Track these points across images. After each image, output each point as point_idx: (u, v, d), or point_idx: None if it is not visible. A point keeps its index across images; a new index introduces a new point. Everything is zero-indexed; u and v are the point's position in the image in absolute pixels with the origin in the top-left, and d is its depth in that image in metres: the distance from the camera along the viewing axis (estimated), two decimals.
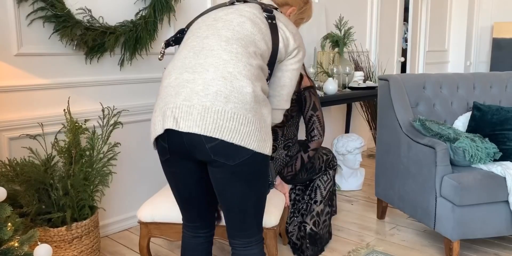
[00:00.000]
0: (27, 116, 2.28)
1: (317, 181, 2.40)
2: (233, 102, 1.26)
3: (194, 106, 1.26)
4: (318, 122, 2.14)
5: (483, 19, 6.28)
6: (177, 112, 1.28)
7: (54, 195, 2.09)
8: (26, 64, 2.27)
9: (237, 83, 1.28)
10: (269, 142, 1.34)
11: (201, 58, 1.33)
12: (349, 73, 3.58)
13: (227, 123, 1.25)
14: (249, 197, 1.40)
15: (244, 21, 1.40)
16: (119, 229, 2.74)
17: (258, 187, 1.41)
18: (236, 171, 1.32)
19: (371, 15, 4.67)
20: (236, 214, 1.44)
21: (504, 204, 2.24)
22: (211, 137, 1.25)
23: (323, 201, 2.38)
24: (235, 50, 1.32)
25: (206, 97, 1.26)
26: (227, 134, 1.25)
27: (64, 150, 2.14)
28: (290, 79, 1.52)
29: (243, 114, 1.27)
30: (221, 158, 1.30)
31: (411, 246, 2.52)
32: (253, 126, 1.28)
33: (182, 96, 1.28)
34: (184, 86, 1.30)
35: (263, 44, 1.39)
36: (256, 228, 1.47)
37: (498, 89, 2.89)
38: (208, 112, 1.25)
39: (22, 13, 2.21)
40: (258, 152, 1.30)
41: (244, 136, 1.27)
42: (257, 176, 1.37)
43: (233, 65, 1.30)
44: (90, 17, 2.40)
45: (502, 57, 5.84)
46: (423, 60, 5.75)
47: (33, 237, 1.55)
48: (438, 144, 2.26)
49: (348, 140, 3.39)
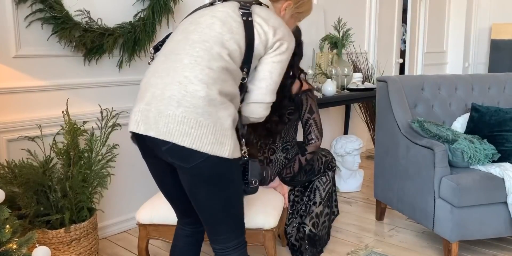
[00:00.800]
0: (26, 117, 2.28)
1: (316, 182, 2.39)
2: (184, 106, 1.29)
3: (151, 110, 1.32)
4: (315, 125, 2.14)
5: (481, 20, 6.29)
6: (139, 115, 1.35)
7: (52, 197, 2.09)
8: (25, 66, 2.27)
9: (191, 87, 1.30)
10: (227, 145, 1.33)
11: (168, 62, 1.38)
12: (347, 74, 3.59)
13: (177, 126, 1.28)
14: (214, 201, 1.40)
15: (213, 22, 1.41)
16: (117, 231, 2.74)
17: (223, 191, 1.39)
18: (194, 174, 1.35)
19: (369, 17, 4.68)
20: (207, 219, 1.45)
21: (503, 205, 2.24)
22: (164, 140, 1.30)
23: (322, 202, 2.37)
24: (196, 53, 1.35)
25: (162, 101, 1.31)
26: (178, 137, 1.29)
27: (63, 152, 2.13)
28: (269, 72, 1.47)
29: (194, 118, 1.29)
30: (176, 161, 1.35)
31: (410, 248, 2.52)
32: (205, 129, 1.29)
33: (145, 100, 1.35)
34: (147, 90, 1.36)
35: (232, 44, 1.39)
36: (232, 233, 1.46)
37: (497, 90, 2.90)
38: (161, 116, 1.30)
39: (21, 15, 2.21)
40: (213, 155, 1.30)
41: (195, 139, 1.29)
42: (219, 179, 1.37)
43: (190, 69, 1.32)
44: (88, 18, 2.40)
45: (501, 58, 5.85)
46: (422, 62, 5.75)
47: (32, 239, 1.54)
48: (436, 145, 2.27)
49: (346, 142, 3.40)
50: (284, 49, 1.48)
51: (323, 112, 4.10)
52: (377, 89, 2.79)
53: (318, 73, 3.58)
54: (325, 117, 4.21)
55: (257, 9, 1.48)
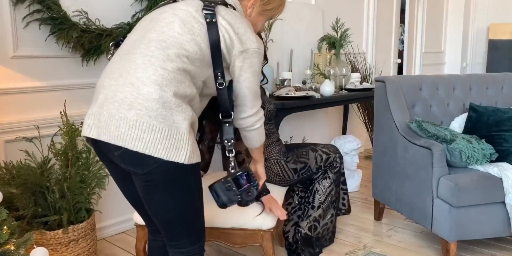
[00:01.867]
0: (23, 118, 2.28)
1: (316, 184, 2.28)
2: (137, 109, 1.23)
3: (102, 114, 1.27)
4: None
5: (479, 20, 6.30)
6: (92, 119, 1.30)
7: (50, 198, 2.08)
8: (22, 67, 2.27)
9: (144, 89, 1.24)
10: (184, 150, 1.27)
11: (122, 62, 1.32)
12: (345, 74, 3.59)
13: (129, 130, 1.23)
14: (168, 208, 1.35)
15: (173, 21, 1.34)
16: (116, 232, 2.74)
17: (178, 199, 1.34)
18: (148, 179, 1.29)
19: (367, 17, 4.68)
20: (161, 224, 1.41)
21: (501, 205, 2.24)
22: (115, 145, 1.24)
23: (322, 207, 2.27)
24: (150, 53, 1.29)
25: (113, 104, 1.26)
26: (130, 142, 1.23)
27: (61, 152, 2.13)
28: (249, 89, 1.45)
29: (147, 122, 1.23)
30: (130, 166, 1.29)
31: (408, 248, 2.52)
32: (159, 134, 1.23)
33: (97, 103, 1.30)
34: (100, 92, 1.31)
35: (192, 46, 1.32)
36: (187, 240, 1.42)
37: (494, 90, 2.90)
38: (112, 119, 1.24)
39: (18, 16, 2.21)
40: (168, 161, 1.25)
41: (148, 144, 1.23)
42: (174, 186, 1.31)
43: (143, 70, 1.26)
44: (86, 19, 2.40)
45: (498, 58, 5.86)
46: (420, 62, 5.76)
47: (29, 240, 1.54)
48: (434, 145, 2.27)
49: (345, 142, 3.40)
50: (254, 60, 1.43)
51: (321, 112, 4.12)
52: (375, 89, 2.79)
53: (316, 73, 3.58)
54: (323, 117, 4.21)
55: (222, 11, 1.40)
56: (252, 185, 1.51)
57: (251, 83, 1.45)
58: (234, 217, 1.84)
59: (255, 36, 1.44)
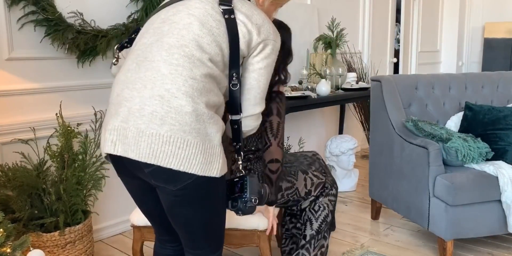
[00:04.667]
0: (19, 120, 2.27)
1: (307, 212, 2.02)
2: (169, 124, 1.16)
3: (129, 129, 1.18)
4: (270, 128, 1.74)
5: (474, 19, 6.32)
6: (115, 134, 1.21)
7: (46, 200, 2.08)
8: (18, 69, 2.26)
9: (175, 102, 1.17)
10: (216, 164, 1.22)
11: (142, 71, 1.22)
12: (342, 74, 3.59)
13: (162, 147, 1.16)
14: (195, 221, 1.32)
15: (191, 22, 1.25)
16: (112, 233, 2.73)
17: (207, 211, 1.31)
18: (179, 195, 1.24)
19: (363, 17, 4.69)
20: (185, 234, 1.38)
21: (497, 203, 2.25)
22: (146, 163, 1.18)
23: (315, 236, 2.01)
24: (175, 61, 1.20)
25: (142, 118, 1.17)
26: (163, 159, 1.16)
27: (57, 154, 2.12)
28: (257, 81, 1.36)
29: (181, 137, 1.16)
30: (161, 183, 1.24)
31: (405, 246, 2.53)
32: (194, 149, 1.18)
33: (120, 117, 1.21)
34: (122, 105, 1.22)
35: (214, 48, 1.25)
36: (208, 249, 1.40)
37: (490, 89, 2.91)
38: (142, 135, 1.17)
39: (13, 17, 2.20)
40: (201, 176, 1.20)
41: (183, 160, 1.17)
42: (204, 200, 1.28)
43: (171, 81, 1.18)
44: (81, 20, 2.39)
45: (494, 57, 5.88)
46: (416, 61, 5.77)
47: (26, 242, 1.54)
48: (430, 144, 2.27)
49: (341, 141, 3.40)
50: (269, 51, 1.36)
51: (318, 112, 4.13)
52: (371, 88, 2.80)
53: (312, 73, 3.58)
54: (320, 117, 4.22)
55: (238, 4, 1.32)
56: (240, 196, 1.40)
57: (261, 76, 1.36)
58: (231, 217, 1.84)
59: (272, 28, 1.37)
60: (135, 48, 1.31)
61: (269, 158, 1.71)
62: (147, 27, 1.34)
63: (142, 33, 1.34)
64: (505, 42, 5.77)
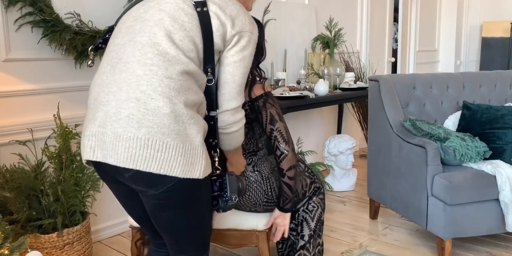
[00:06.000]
0: (17, 122, 2.27)
1: (302, 213, 1.99)
2: (147, 126, 1.12)
3: (107, 133, 1.15)
4: (280, 136, 1.69)
5: (472, 18, 6.33)
6: (93, 140, 1.19)
7: (44, 201, 2.08)
8: (15, 70, 2.26)
9: (152, 103, 1.13)
10: (199, 165, 1.19)
11: (117, 73, 1.19)
12: (340, 74, 3.60)
13: (140, 151, 1.12)
14: (179, 224, 1.29)
15: (162, 18, 1.21)
16: (111, 234, 2.73)
17: (191, 214, 1.28)
18: (161, 198, 1.21)
19: (361, 16, 4.69)
20: (169, 238, 1.36)
21: (495, 202, 2.25)
22: (125, 167, 1.15)
23: (313, 236, 1.99)
24: (150, 61, 1.16)
25: (118, 122, 1.14)
26: (142, 163, 1.13)
27: (55, 155, 2.12)
28: (232, 75, 1.30)
29: (160, 139, 1.13)
30: (142, 187, 1.21)
31: (403, 246, 2.53)
32: (173, 151, 1.14)
33: (97, 122, 1.19)
34: (99, 110, 1.19)
35: (187, 43, 1.21)
36: (195, 252, 1.38)
37: (487, 88, 2.92)
38: (120, 140, 1.13)
39: (10, 18, 2.20)
40: (183, 178, 1.17)
41: (163, 163, 1.13)
42: (187, 202, 1.24)
43: (147, 82, 1.15)
44: (79, 21, 2.39)
45: (492, 56, 5.88)
46: (414, 60, 5.78)
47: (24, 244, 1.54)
48: (428, 143, 2.28)
49: (340, 141, 3.40)
50: (245, 44, 1.30)
51: (316, 111, 4.12)
52: (369, 88, 2.80)
53: (310, 73, 3.58)
54: (318, 117, 4.22)
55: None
56: (220, 195, 1.38)
57: (236, 69, 1.31)
58: (229, 218, 1.84)
59: (248, 19, 1.33)
60: (109, 50, 1.28)
61: (288, 166, 1.69)
62: (119, 26, 1.30)
63: (115, 33, 1.30)
64: (502, 41, 5.78)
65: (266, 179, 1.81)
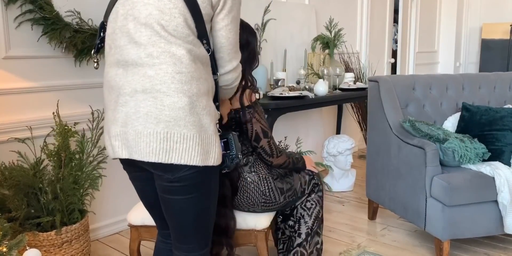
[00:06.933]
0: (16, 119, 2.26)
1: (300, 210, 2.01)
2: (165, 121, 1.21)
3: (129, 132, 1.25)
4: (264, 152, 1.80)
5: (472, 20, 6.34)
6: (119, 139, 1.28)
7: (43, 199, 2.07)
8: (15, 67, 2.25)
9: (167, 100, 1.21)
10: (213, 153, 1.29)
11: (129, 75, 1.26)
12: (339, 74, 3.60)
13: (161, 144, 1.21)
14: (188, 210, 1.35)
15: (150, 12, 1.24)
16: (109, 233, 2.73)
17: (199, 200, 1.35)
18: (173, 181, 1.29)
19: (361, 17, 4.69)
20: (176, 225, 1.41)
21: (494, 204, 2.26)
22: (149, 161, 1.24)
23: (310, 233, 2.00)
24: (157, 60, 1.22)
25: (138, 120, 1.23)
26: (163, 156, 1.22)
27: (54, 153, 2.12)
28: (226, 38, 1.35)
29: (177, 131, 1.21)
30: (160, 172, 1.30)
31: (402, 247, 2.53)
32: (191, 142, 1.23)
33: (119, 122, 1.27)
34: (119, 111, 1.27)
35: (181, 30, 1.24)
36: (196, 245, 1.43)
37: (487, 89, 2.92)
38: (141, 136, 1.22)
39: (10, 16, 2.20)
40: (201, 166, 1.26)
41: (183, 154, 1.23)
42: (198, 188, 1.32)
43: (160, 81, 1.22)
44: (79, 19, 2.39)
45: (491, 58, 5.89)
46: (413, 61, 5.79)
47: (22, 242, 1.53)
48: (427, 144, 2.28)
49: (339, 141, 3.40)
50: (231, 4, 1.34)
51: (315, 112, 4.13)
52: (369, 89, 2.80)
53: (310, 73, 3.58)
54: (317, 117, 4.22)
55: None
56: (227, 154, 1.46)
57: (228, 32, 1.36)
58: None
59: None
60: (111, 53, 1.31)
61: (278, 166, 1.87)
62: (112, 26, 1.32)
63: (111, 34, 1.33)
64: (502, 43, 5.79)
65: (263, 180, 1.82)
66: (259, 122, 1.77)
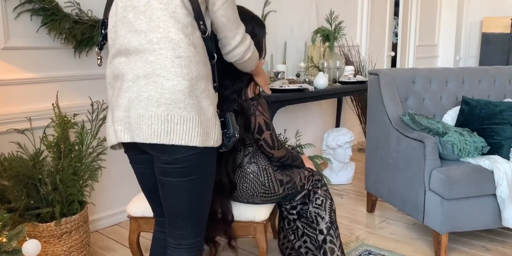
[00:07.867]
0: (15, 110, 2.26)
1: (311, 209, 1.97)
2: (165, 103, 1.25)
3: (131, 116, 1.28)
4: (266, 145, 1.80)
5: (472, 14, 6.32)
6: (122, 124, 1.31)
7: (43, 190, 2.07)
8: (14, 58, 2.24)
9: (167, 83, 1.25)
10: (213, 135, 1.33)
11: (132, 62, 1.30)
12: (339, 67, 3.59)
13: (162, 126, 1.26)
14: (184, 193, 1.38)
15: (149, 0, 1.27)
16: (109, 224, 2.74)
17: (195, 183, 1.37)
18: (171, 162, 1.32)
19: (361, 10, 4.67)
20: (171, 210, 1.43)
21: (492, 197, 2.27)
22: (150, 143, 1.28)
23: (331, 227, 1.95)
24: (157, 46, 1.26)
25: (140, 104, 1.27)
26: (165, 137, 1.26)
27: (53, 144, 2.12)
28: (226, 17, 1.37)
29: (177, 113, 1.26)
30: (158, 153, 1.32)
31: (400, 239, 2.55)
32: (191, 123, 1.27)
33: (122, 107, 1.31)
34: (122, 97, 1.31)
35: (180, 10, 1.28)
36: (190, 231, 1.44)
37: (487, 83, 2.92)
38: (143, 119, 1.26)
39: (9, 6, 2.18)
40: (203, 147, 1.30)
41: (183, 135, 1.26)
42: (195, 171, 1.35)
43: (160, 66, 1.26)
44: (78, 10, 2.37)
45: (491, 52, 5.88)
46: (413, 55, 5.77)
47: (22, 232, 1.54)
48: (427, 138, 2.28)
49: (338, 134, 3.41)
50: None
51: (315, 105, 4.13)
52: (369, 82, 2.80)
53: (310, 66, 3.57)
54: (317, 110, 4.22)
55: None
56: (225, 132, 1.47)
57: (226, 10, 1.37)
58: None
59: None
60: (114, 43, 1.34)
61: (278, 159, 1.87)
62: (113, 20, 1.36)
63: (112, 28, 1.36)
64: (502, 37, 5.78)
65: (263, 170, 1.82)
66: (262, 114, 1.77)
